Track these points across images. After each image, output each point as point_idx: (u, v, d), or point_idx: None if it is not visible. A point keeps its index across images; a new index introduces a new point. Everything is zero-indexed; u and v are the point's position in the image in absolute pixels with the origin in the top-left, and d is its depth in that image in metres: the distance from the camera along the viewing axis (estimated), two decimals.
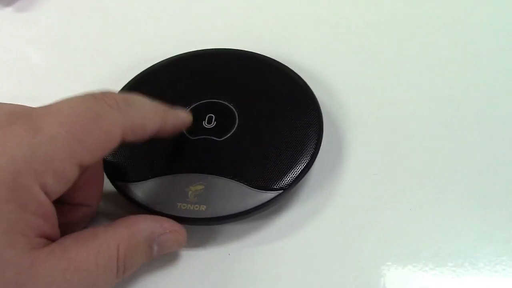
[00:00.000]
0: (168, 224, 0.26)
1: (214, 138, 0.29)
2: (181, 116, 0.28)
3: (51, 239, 0.23)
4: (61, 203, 0.25)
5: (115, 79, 0.34)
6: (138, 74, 0.33)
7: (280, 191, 0.27)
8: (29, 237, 0.21)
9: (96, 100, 0.23)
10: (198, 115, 0.30)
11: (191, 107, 0.31)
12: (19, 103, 0.24)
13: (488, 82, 0.34)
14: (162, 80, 0.33)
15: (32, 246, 0.21)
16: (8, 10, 0.41)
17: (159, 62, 0.33)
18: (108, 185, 0.29)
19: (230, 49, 0.34)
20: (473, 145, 0.31)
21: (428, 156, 0.31)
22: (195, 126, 0.30)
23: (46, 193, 0.22)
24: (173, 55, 0.34)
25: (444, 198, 0.29)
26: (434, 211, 0.28)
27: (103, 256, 0.23)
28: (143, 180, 0.28)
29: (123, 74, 0.33)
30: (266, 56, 0.33)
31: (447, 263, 0.27)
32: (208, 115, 0.30)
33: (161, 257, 0.27)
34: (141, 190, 0.28)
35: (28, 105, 0.24)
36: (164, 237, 0.25)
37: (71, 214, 0.27)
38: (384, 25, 0.38)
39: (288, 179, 0.28)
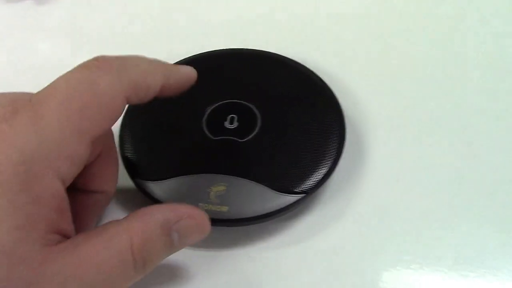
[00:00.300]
0: (185, 210, 0.24)
1: (236, 139, 0.29)
2: (184, 71, 0.27)
3: (65, 236, 0.22)
4: (76, 190, 0.25)
5: None
6: None
7: (303, 195, 0.27)
8: (42, 232, 0.20)
9: (90, 69, 0.23)
10: (219, 115, 0.30)
11: (213, 107, 0.31)
12: None
13: None
14: None
15: (45, 242, 0.20)
16: (28, 3, 0.41)
17: (180, 61, 0.33)
18: (129, 183, 0.29)
19: (252, 49, 0.33)
20: (499, 154, 0.30)
21: (451, 162, 0.30)
22: (217, 126, 0.30)
23: (63, 180, 0.21)
24: (194, 53, 0.34)
25: (466, 205, 0.29)
26: (455, 219, 0.28)
27: (115, 249, 0.22)
28: (164, 179, 0.28)
29: None
30: (288, 58, 0.33)
31: (467, 271, 0.26)
32: (230, 116, 0.30)
33: (182, 258, 0.27)
34: (162, 189, 0.28)
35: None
36: (181, 224, 0.24)
37: (86, 201, 0.26)
38: (409, 26, 0.37)
39: (310, 182, 0.27)
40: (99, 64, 0.23)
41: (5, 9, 0.41)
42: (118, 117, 0.23)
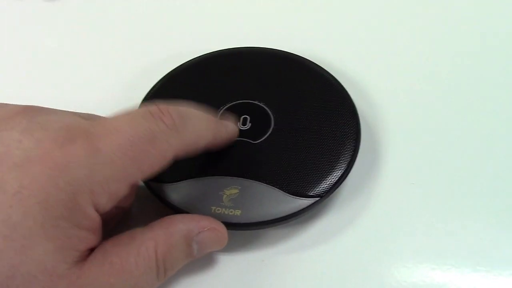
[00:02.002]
0: (207, 222, 0.25)
1: (249, 140, 0.29)
2: (230, 130, 0.28)
3: (94, 248, 0.23)
4: None
5: (148, 73, 0.33)
6: (171, 71, 0.32)
7: (317, 199, 0.27)
8: (80, 251, 0.22)
9: (154, 120, 0.23)
10: (233, 115, 0.30)
11: (226, 107, 0.30)
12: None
13: None
14: (195, 78, 0.32)
15: (82, 258, 0.22)
16: (39, 0, 0.41)
17: (192, 59, 0.33)
18: (141, 185, 0.28)
19: (265, 48, 0.33)
20: None
21: (466, 166, 0.30)
22: None
23: (97, 210, 0.22)
24: (207, 52, 0.33)
25: (481, 209, 0.28)
26: (471, 222, 0.28)
27: (142, 257, 0.23)
28: (176, 182, 0.28)
29: (156, 68, 0.33)
30: (302, 57, 0.32)
31: (483, 271, 0.26)
32: (243, 117, 0.30)
33: (195, 262, 0.26)
34: (174, 191, 0.27)
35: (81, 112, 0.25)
36: (202, 235, 0.25)
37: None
38: (426, 27, 0.37)
39: (324, 186, 0.27)
40: (162, 116, 0.24)
41: (14, 6, 0.40)
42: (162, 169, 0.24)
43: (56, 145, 0.21)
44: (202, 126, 0.26)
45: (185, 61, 0.33)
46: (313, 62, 0.32)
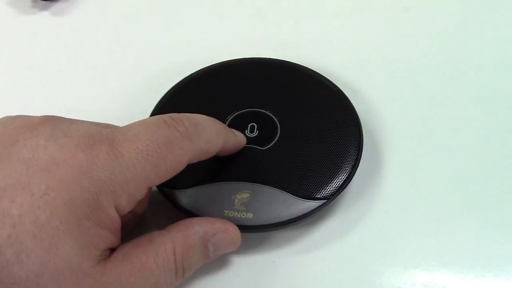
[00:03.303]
0: (221, 224, 0.27)
1: (257, 147, 0.30)
2: (238, 139, 0.30)
3: (114, 248, 0.24)
4: None
5: (156, 84, 0.35)
6: (178, 82, 0.34)
7: (324, 200, 0.28)
8: (101, 250, 0.23)
9: (168, 127, 0.25)
10: (240, 123, 0.31)
11: (233, 115, 0.31)
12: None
13: None
14: (202, 88, 0.33)
15: (103, 257, 0.23)
16: (45, 14, 0.42)
17: (198, 70, 0.34)
18: (155, 191, 0.29)
19: (269, 58, 0.34)
20: None
21: (467, 169, 0.31)
22: None
23: (118, 211, 0.23)
24: (213, 63, 0.34)
25: (484, 211, 0.30)
26: (473, 222, 0.29)
27: (161, 257, 0.24)
28: (189, 187, 0.29)
29: (164, 79, 0.34)
30: (305, 66, 0.34)
31: (485, 271, 0.27)
32: (250, 124, 0.31)
33: (210, 263, 0.28)
34: (187, 197, 0.29)
35: (93, 121, 0.26)
36: (218, 237, 0.26)
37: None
38: (426, 31, 0.38)
39: (331, 189, 0.28)
40: (176, 124, 0.25)
41: (22, 21, 0.41)
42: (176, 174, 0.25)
43: (79, 150, 0.23)
44: (213, 133, 0.27)
45: (191, 72, 0.34)
46: (315, 71, 0.33)
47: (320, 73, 0.33)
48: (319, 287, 0.28)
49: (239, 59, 0.34)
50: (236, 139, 0.29)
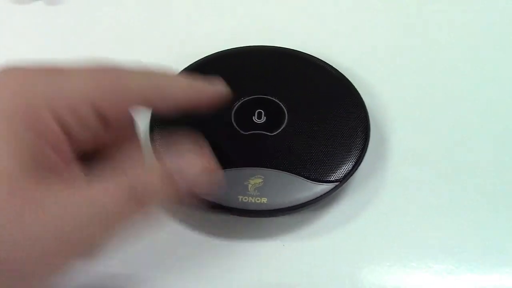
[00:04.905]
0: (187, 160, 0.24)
1: (266, 133, 0.30)
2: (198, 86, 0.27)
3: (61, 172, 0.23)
4: None
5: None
6: (186, 67, 0.33)
7: (336, 183, 0.28)
8: (41, 165, 0.22)
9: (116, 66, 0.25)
10: (247, 110, 0.31)
11: (240, 102, 0.31)
12: None
13: None
14: (209, 74, 0.33)
15: (44, 177, 0.21)
16: (40, 3, 0.41)
17: (205, 57, 0.34)
18: None
19: (275, 46, 0.34)
20: None
21: (473, 154, 0.32)
22: (246, 122, 0.31)
23: (62, 127, 0.23)
24: (220, 49, 0.34)
25: (489, 195, 0.30)
26: (475, 207, 0.30)
27: (112, 184, 0.22)
28: None
29: (174, 64, 0.33)
30: (310, 54, 0.34)
31: (492, 262, 0.28)
32: (257, 111, 0.31)
33: (217, 248, 0.28)
34: None
35: None
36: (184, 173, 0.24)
37: None
38: (431, 26, 0.39)
39: (342, 171, 0.29)
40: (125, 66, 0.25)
41: (16, 10, 0.40)
42: (134, 108, 0.25)
43: (18, 68, 0.23)
44: (168, 77, 0.26)
45: (198, 59, 0.34)
46: (320, 59, 0.34)
47: (325, 61, 0.33)
48: (328, 271, 0.28)
49: (246, 46, 0.34)
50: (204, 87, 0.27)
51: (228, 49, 0.34)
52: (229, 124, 0.31)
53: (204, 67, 0.33)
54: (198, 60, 0.34)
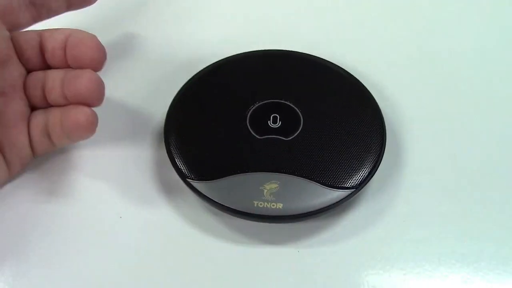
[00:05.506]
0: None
1: (282, 137, 0.30)
2: None
3: None
4: None
5: (179, 73, 0.34)
6: (200, 71, 0.33)
7: (353, 190, 0.28)
8: None
9: None
10: (262, 115, 0.31)
11: (255, 106, 0.31)
12: None
13: None
14: (223, 79, 0.33)
15: None
16: None
17: (220, 60, 0.34)
18: (181, 184, 0.29)
19: (289, 50, 0.34)
20: None
21: (487, 158, 0.32)
22: (261, 126, 0.31)
23: None
24: (233, 54, 0.34)
25: (502, 203, 0.30)
26: (496, 215, 0.30)
27: None
28: (217, 179, 0.29)
29: (187, 69, 0.33)
30: (325, 59, 0.34)
31: (505, 266, 0.28)
32: (272, 115, 0.31)
33: (232, 253, 0.28)
34: (216, 188, 0.28)
35: None
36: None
37: None
38: (448, 29, 0.38)
39: (358, 178, 0.29)
40: None
41: None
42: None
43: None
44: None
45: (212, 62, 0.34)
46: (334, 64, 0.33)
47: (340, 65, 0.33)
48: (343, 278, 0.28)
49: (260, 50, 0.34)
50: None
51: (242, 53, 0.34)
52: (244, 128, 0.30)
53: (218, 71, 0.33)
54: (213, 63, 0.34)
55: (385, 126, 0.31)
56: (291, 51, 0.34)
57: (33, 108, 0.31)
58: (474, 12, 0.39)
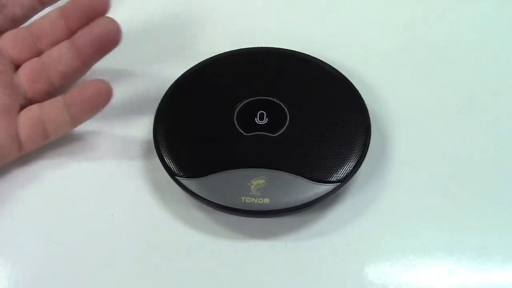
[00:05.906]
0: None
1: (268, 134, 0.31)
2: None
3: None
4: None
5: (167, 72, 0.34)
6: (189, 69, 0.34)
7: (338, 183, 0.29)
8: None
9: None
10: (249, 112, 0.31)
11: (242, 104, 0.32)
12: None
13: None
14: (210, 77, 0.34)
15: None
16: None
17: (208, 58, 0.34)
18: (170, 181, 0.30)
19: (275, 48, 0.35)
20: None
21: (473, 152, 0.32)
22: (248, 123, 0.31)
23: None
24: (221, 51, 0.34)
25: (486, 194, 0.31)
26: (476, 206, 0.30)
27: None
28: (204, 176, 0.29)
29: (176, 66, 0.34)
30: (311, 55, 0.34)
31: (494, 256, 0.29)
32: (259, 112, 0.31)
33: (220, 248, 0.29)
34: (203, 185, 0.29)
35: None
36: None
37: None
38: (436, 23, 0.39)
39: (344, 171, 0.29)
40: None
41: None
42: None
43: None
44: None
45: (199, 61, 0.34)
46: (320, 60, 0.34)
47: (326, 62, 0.34)
48: (330, 271, 0.28)
49: (247, 48, 0.35)
50: None
51: (229, 51, 0.34)
52: (231, 125, 0.31)
53: (206, 70, 0.34)
54: (200, 62, 0.34)
55: (370, 121, 0.31)
56: (279, 48, 0.34)
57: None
58: (463, 7, 0.39)
